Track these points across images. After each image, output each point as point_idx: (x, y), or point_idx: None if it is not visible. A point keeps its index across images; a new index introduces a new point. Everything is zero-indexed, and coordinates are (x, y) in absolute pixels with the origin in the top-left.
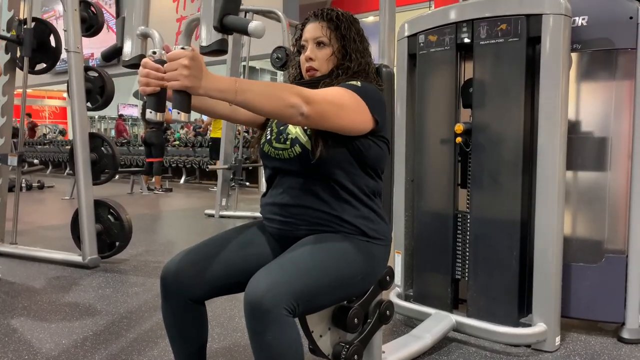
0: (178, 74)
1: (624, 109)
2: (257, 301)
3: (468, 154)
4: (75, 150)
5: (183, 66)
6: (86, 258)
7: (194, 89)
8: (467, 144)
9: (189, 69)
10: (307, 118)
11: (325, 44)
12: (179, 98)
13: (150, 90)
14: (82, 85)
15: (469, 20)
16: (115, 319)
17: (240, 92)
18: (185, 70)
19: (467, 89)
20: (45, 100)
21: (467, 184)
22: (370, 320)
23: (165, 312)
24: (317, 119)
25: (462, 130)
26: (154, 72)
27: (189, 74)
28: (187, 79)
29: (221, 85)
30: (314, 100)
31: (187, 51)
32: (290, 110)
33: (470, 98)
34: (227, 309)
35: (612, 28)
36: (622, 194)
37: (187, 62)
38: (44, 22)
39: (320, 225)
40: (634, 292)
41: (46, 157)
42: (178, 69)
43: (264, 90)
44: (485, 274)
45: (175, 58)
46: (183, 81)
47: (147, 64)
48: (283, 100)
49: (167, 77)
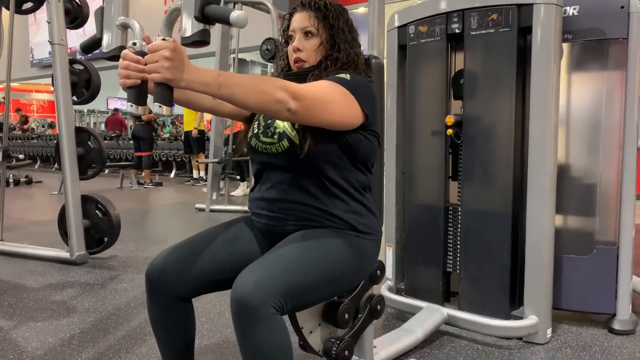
0: (159, 66)
1: (615, 99)
2: (244, 299)
3: (459, 146)
4: (61, 145)
5: (164, 58)
6: (74, 254)
7: (175, 81)
8: (458, 135)
9: (170, 61)
10: (295, 113)
11: (313, 34)
12: (160, 91)
13: (130, 83)
14: (67, 78)
15: (460, 11)
16: (103, 316)
17: (225, 86)
18: (166, 62)
19: (457, 81)
20: (33, 94)
21: (458, 177)
22: (361, 315)
23: (151, 310)
24: (304, 115)
25: (452, 122)
26: (134, 64)
27: (170, 65)
28: (168, 71)
29: (204, 78)
30: (302, 96)
31: (168, 42)
32: (277, 105)
33: (461, 89)
34: (217, 305)
35: (604, 18)
36: (613, 184)
37: (169, 54)
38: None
39: (309, 220)
40: (625, 284)
41: (34, 152)
42: (159, 61)
43: (250, 85)
44: (477, 267)
45: (156, 50)
46: (164, 73)
47: (127, 56)
48: (269, 95)
49: (147, 69)
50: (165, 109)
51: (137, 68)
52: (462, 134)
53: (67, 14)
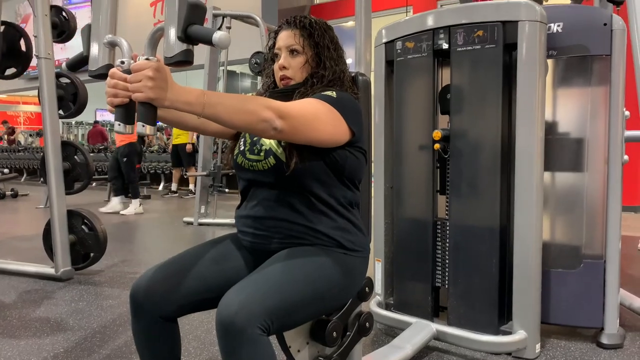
0: (142, 86)
1: (599, 114)
2: (230, 320)
3: (446, 160)
4: (47, 159)
5: (147, 77)
6: (59, 270)
7: (158, 100)
8: (446, 150)
9: (153, 80)
10: (281, 132)
11: (298, 52)
12: (143, 110)
13: (118, 102)
14: (54, 92)
15: (446, 27)
16: (88, 334)
17: (209, 106)
18: (149, 82)
19: (444, 96)
20: (20, 105)
21: (446, 191)
22: (350, 333)
23: (135, 330)
24: (291, 133)
25: (440, 137)
26: (122, 82)
27: (153, 85)
28: (151, 90)
29: (188, 98)
30: (288, 115)
31: (151, 62)
32: (263, 124)
33: (448, 104)
34: (205, 322)
35: (587, 34)
36: (598, 198)
37: (152, 74)
38: (14, 26)
39: (296, 238)
40: (612, 297)
41: (20, 164)
42: (142, 80)
43: (235, 104)
44: (465, 282)
45: (140, 69)
46: (147, 93)
47: (115, 74)
48: (255, 115)
49: (130, 89)
50: (148, 128)
51: (125, 87)
52: (449, 149)
53: (54, 28)
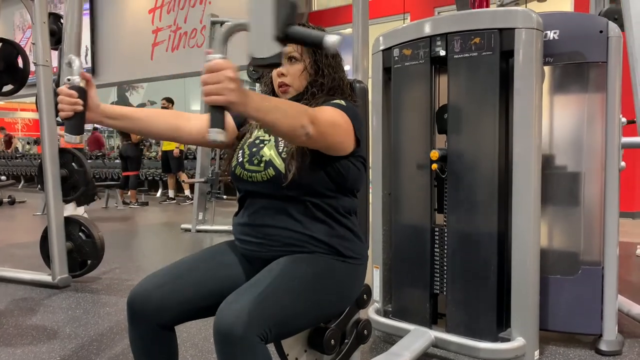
0: (223, 88)
1: (596, 121)
2: (228, 328)
3: (444, 171)
4: (45, 166)
5: (228, 79)
6: (56, 277)
7: (238, 105)
8: (443, 170)
9: (235, 82)
10: (310, 138)
11: (296, 59)
12: (217, 115)
13: (64, 115)
14: (52, 99)
15: (443, 34)
16: (84, 342)
17: (270, 111)
18: (232, 84)
19: (442, 115)
20: (18, 112)
21: (444, 189)
22: (348, 341)
23: (132, 338)
24: (317, 139)
25: (437, 157)
26: (67, 97)
27: (235, 87)
28: (233, 93)
29: (258, 104)
30: (318, 121)
31: (229, 62)
32: (300, 130)
33: (445, 124)
34: (202, 329)
35: (583, 42)
36: (596, 205)
37: (234, 75)
38: (11, 43)
39: (294, 246)
40: (610, 304)
41: (18, 171)
42: (223, 82)
43: (287, 110)
44: (464, 289)
45: (218, 69)
46: (229, 96)
47: (62, 91)
48: (297, 120)
49: (207, 91)
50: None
51: (70, 101)
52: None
53: (52, 35)
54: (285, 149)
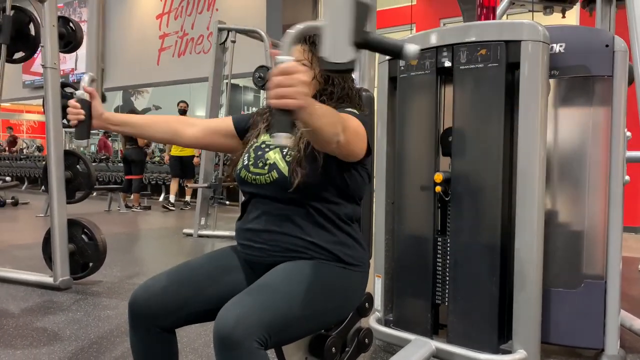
0: (296, 92)
1: (601, 135)
2: (227, 333)
3: (447, 199)
4: (49, 168)
5: (302, 82)
6: (57, 279)
7: (306, 110)
8: (447, 192)
9: (307, 87)
10: (339, 145)
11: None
12: (284, 119)
13: (71, 124)
14: (59, 101)
15: (450, 45)
16: (85, 344)
17: (319, 117)
18: (305, 88)
19: (446, 138)
20: (23, 114)
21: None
22: (349, 349)
23: (133, 341)
24: (344, 147)
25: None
26: (73, 109)
27: (307, 92)
28: (305, 98)
29: (317, 110)
30: (348, 129)
31: (300, 65)
32: (335, 137)
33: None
34: (202, 334)
35: (589, 55)
36: (600, 218)
37: (306, 78)
38: (24, 10)
39: (295, 252)
40: (612, 318)
41: (22, 173)
42: (296, 86)
43: (331, 116)
44: (466, 299)
45: (292, 72)
46: (301, 100)
47: (70, 104)
48: (336, 127)
49: (280, 94)
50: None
51: (74, 112)
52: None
53: (61, 38)
54: (291, 153)
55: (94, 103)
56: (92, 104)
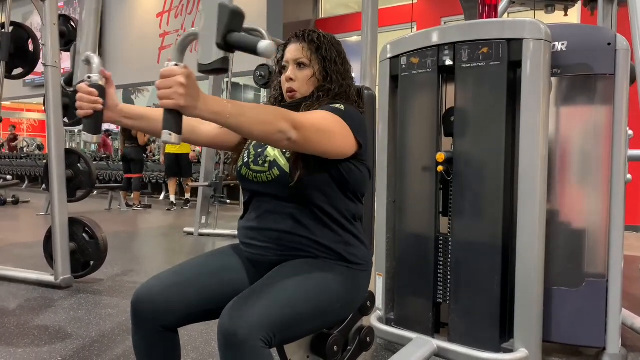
0: (173, 92)
1: (602, 133)
2: (232, 332)
3: (450, 174)
4: (50, 167)
5: (179, 84)
6: (59, 278)
7: (189, 109)
8: (449, 172)
9: (185, 88)
10: (294, 143)
11: (305, 65)
12: (170, 118)
13: (83, 113)
14: (59, 100)
15: (451, 44)
16: (86, 343)
17: (233, 116)
18: (181, 89)
19: (448, 118)
20: (24, 113)
21: (449, 200)
22: (350, 348)
23: (135, 339)
24: (303, 144)
25: (443, 159)
26: (87, 95)
27: (184, 92)
28: (182, 98)
29: (215, 107)
30: (302, 126)
31: (182, 68)
32: (279, 135)
33: (451, 126)
34: (204, 333)
35: (591, 54)
36: (601, 217)
37: (184, 80)
38: (22, 26)
39: (299, 251)
40: (614, 317)
41: (22, 171)
42: (173, 87)
43: (257, 115)
44: (467, 298)
45: (170, 75)
46: (178, 100)
47: (81, 88)
48: (273, 126)
49: (160, 95)
50: (174, 136)
51: (90, 99)
52: (452, 171)
53: (61, 37)
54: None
55: (110, 91)
56: (107, 92)
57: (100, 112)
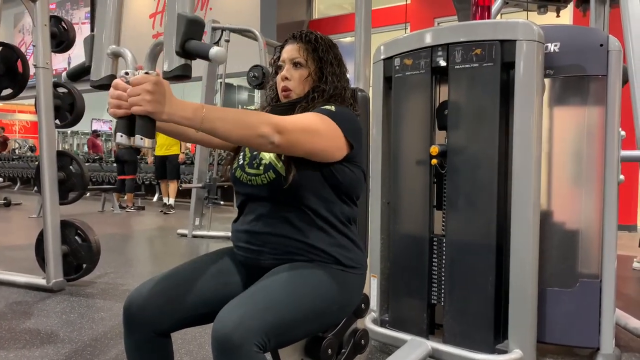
0: (140, 99)
1: (595, 133)
2: (226, 336)
3: (443, 176)
4: (42, 169)
5: (146, 91)
6: (50, 281)
7: (156, 114)
8: (442, 165)
9: (151, 94)
10: (278, 147)
11: (301, 65)
12: (142, 123)
13: (121, 113)
14: (51, 102)
15: (444, 45)
16: (78, 347)
17: (207, 120)
18: (147, 95)
19: (442, 111)
20: (15, 114)
21: (443, 206)
22: (345, 350)
23: (127, 345)
24: (288, 147)
25: (437, 152)
26: (126, 94)
27: (151, 99)
28: (149, 104)
29: (185, 113)
30: (285, 129)
31: (150, 76)
32: (260, 139)
33: (445, 120)
34: (198, 336)
35: (584, 55)
36: (595, 218)
37: (150, 87)
38: (11, 47)
39: (293, 254)
40: (608, 317)
41: (14, 173)
42: (141, 94)
43: (234, 119)
44: (461, 299)
45: (139, 83)
46: (145, 106)
47: (119, 86)
48: (252, 130)
49: (129, 102)
50: (147, 141)
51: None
52: (446, 164)
53: (53, 38)
54: None
55: None
56: None
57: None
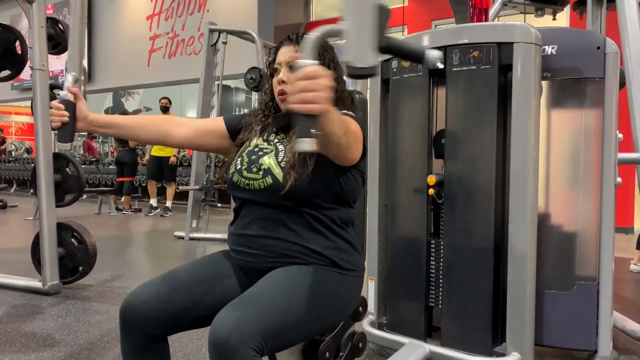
0: (320, 97)
1: (593, 136)
2: (223, 340)
3: (440, 205)
4: (38, 171)
5: (327, 87)
6: (46, 284)
7: (328, 115)
8: (440, 195)
9: (330, 91)
10: (340, 148)
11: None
12: (308, 124)
13: (54, 125)
14: (47, 104)
15: (442, 47)
16: (74, 350)
17: (333, 121)
18: (328, 92)
19: (439, 140)
20: (12, 116)
21: (440, 210)
22: (342, 354)
23: (124, 348)
24: (345, 150)
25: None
26: (56, 110)
27: (330, 97)
28: (328, 102)
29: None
30: (349, 132)
31: (324, 69)
32: (339, 140)
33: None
34: (194, 339)
35: (581, 57)
36: (592, 220)
37: (330, 83)
38: (9, 28)
39: (290, 257)
40: (605, 320)
41: (11, 175)
42: (321, 91)
43: (337, 120)
44: (459, 302)
45: (315, 76)
46: (325, 105)
47: (53, 105)
48: (340, 131)
49: (304, 99)
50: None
51: (57, 114)
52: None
53: (49, 40)
54: (285, 159)
55: (79, 104)
56: (76, 105)
57: (68, 123)
